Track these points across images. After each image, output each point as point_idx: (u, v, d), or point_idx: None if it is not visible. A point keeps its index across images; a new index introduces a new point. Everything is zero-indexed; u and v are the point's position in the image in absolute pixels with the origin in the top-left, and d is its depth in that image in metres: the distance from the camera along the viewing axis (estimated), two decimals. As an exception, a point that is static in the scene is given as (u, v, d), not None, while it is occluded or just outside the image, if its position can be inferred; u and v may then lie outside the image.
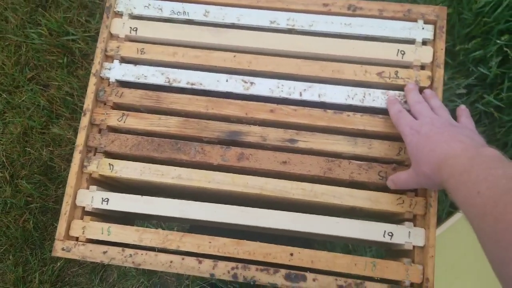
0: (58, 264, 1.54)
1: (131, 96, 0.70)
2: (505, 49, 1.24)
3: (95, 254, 0.64)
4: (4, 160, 1.60)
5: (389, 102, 0.66)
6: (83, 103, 0.69)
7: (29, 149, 1.61)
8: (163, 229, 0.82)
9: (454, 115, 0.64)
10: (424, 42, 0.69)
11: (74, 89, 1.60)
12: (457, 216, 1.20)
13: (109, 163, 0.67)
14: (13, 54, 1.68)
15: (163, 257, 0.63)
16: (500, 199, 0.44)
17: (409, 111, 0.64)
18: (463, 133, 0.57)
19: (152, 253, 0.63)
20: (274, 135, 0.67)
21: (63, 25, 1.66)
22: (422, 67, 0.68)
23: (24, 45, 1.69)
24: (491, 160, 0.49)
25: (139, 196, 0.67)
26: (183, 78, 0.70)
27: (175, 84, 0.70)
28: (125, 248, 0.64)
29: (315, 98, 0.68)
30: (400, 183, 0.62)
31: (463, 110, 0.65)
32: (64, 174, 1.58)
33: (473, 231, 0.49)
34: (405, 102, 0.66)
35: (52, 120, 1.62)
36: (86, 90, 0.69)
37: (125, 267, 1.52)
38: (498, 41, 1.23)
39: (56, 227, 1.47)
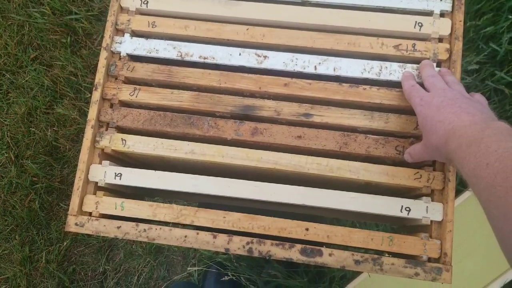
0: (65, 243, 1.54)
1: (142, 71, 0.69)
2: (516, 25, 1.22)
3: (109, 229, 0.63)
4: (9, 141, 1.59)
5: (403, 77, 0.65)
6: (87, 83, 0.68)
7: (33, 129, 1.60)
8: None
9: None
10: (442, 14, 0.67)
11: (78, 68, 1.58)
12: (466, 195, 1.20)
13: (122, 138, 0.67)
14: (16, 34, 1.66)
15: (178, 232, 0.63)
16: (511, 171, 0.44)
17: (423, 86, 0.63)
18: (475, 106, 0.56)
19: (166, 228, 0.63)
20: (288, 110, 0.66)
21: (66, 4, 1.64)
22: (440, 39, 0.67)
23: (27, 24, 1.67)
24: (501, 132, 0.49)
25: (152, 171, 0.66)
26: (195, 52, 0.69)
27: (187, 58, 0.69)
28: (139, 223, 0.63)
29: (330, 71, 0.67)
30: (415, 155, 0.62)
31: (476, 93, 0.64)
32: (69, 154, 1.57)
33: (480, 204, 0.48)
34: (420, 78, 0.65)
35: (56, 100, 1.61)
36: (90, 70, 0.68)
37: (132, 246, 1.52)
38: (509, 17, 1.21)
39: (62, 206, 1.45)
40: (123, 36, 0.70)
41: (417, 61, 0.66)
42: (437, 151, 0.57)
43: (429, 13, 0.67)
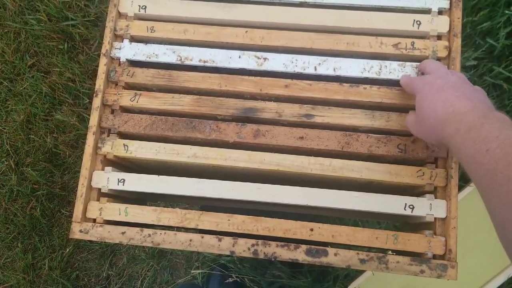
0: (67, 250, 1.54)
1: (143, 76, 0.69)
2: (513, 19, 1.23)
3: (114, 235, 0.63)
4: (9, 148, 1.59)
5: (402, 78, 0.65)
6: (86, 89, 0.68)
7: (33, 137, 1.59)
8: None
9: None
10: (440, 12, 0.67)
11: (75, 74, 1.58)
12: (468, 190, 1.20)
13: (124, 144, 0.67)
14: (13, 41, 1.66)
15: (182, 236, 0.63)
16: None
17: None
18: (476, 95, 0.55)
19: (171, 232, 0.63)
20: (289, 111, 0.67)
21: (62, 10, 1.63)
22: (439, 37, 0.67)
23: (23, 31, 1.67)
24: (501, 121, 0.48)
25: (155, 176, 0.66)
26: (195, 55, 0.69)
27: (187, 62, 0.69)
28: (143, 228, 0.63)
29: (330, 72, 0.67)
30: (408, 123, 0.62)
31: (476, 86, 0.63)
32: (69, 160, 1.57)
33: (479, 191, 0.47)
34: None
35: (55, 107, 1.61)
36: (88, 75, 0.68)
37: (135, 251, 1.52)
38: (506, 12, 1.22)
39: (63, 213, 1.45)
40: (122, 41, 0.70)
41: (416, 59, 0.66)
42: (431, 133, 0.56)
43: (427, 11, 0.67)
